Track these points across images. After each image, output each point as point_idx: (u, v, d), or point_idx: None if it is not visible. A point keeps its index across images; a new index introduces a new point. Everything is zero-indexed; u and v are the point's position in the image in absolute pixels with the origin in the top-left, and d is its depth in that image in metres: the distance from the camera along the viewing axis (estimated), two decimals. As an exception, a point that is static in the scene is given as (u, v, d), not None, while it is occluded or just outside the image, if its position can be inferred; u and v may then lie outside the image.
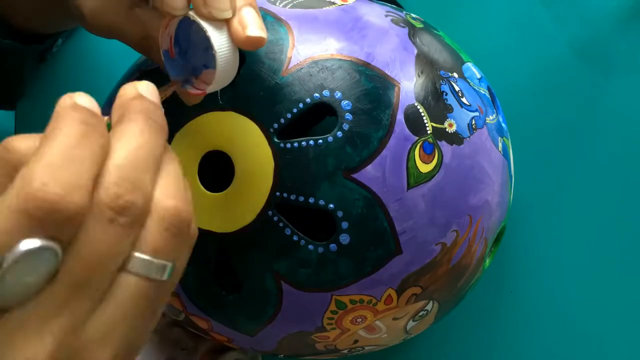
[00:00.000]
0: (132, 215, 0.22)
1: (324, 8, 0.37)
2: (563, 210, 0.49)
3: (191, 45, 0.31)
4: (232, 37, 0.29)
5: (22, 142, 0.22)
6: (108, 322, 0.23)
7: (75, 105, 0.23)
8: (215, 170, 0.36)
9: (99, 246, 0.22)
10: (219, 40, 0.29)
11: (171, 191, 0.24)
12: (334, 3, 0.38)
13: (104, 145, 0.23)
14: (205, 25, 0.29)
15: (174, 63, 0.31)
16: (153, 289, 0.23)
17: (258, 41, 0.29)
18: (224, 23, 0.30)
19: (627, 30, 0.50)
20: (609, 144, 0.49)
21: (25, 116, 0.52)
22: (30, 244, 0.20)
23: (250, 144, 0.33)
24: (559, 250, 0.49)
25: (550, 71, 0.50)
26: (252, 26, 0.29)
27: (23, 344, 0.21)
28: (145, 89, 0.25)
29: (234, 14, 0.30)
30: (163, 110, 0.26)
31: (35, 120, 0.52)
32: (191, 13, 0.30)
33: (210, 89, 0.30)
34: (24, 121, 0.52)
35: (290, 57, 0.34)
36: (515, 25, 0.51)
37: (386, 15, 0.38)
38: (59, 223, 0.21)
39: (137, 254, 0.23)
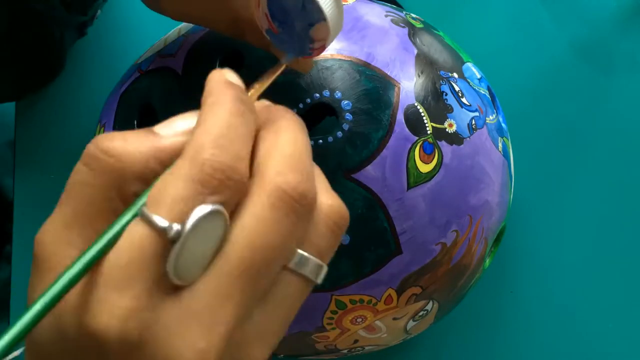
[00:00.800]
0: (308, 206, 0.21)
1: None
2: (563, 210, 0.49)
3: (288, 12, 0.28)
4: None
5: (125, 147, 0.21)
6: (269, 320, 0.22)
7: (229, 82, 0.23)
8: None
9: (273, 235, 0.21)
10: None
11: (330, 190, 0.23)
12: (334, 3, 0.38)
13: (254, 128, 0.23)
14: None
15: (282, 38, 0.29)
16: (307, 291, 0.23)
17: None
18: None
19: (627, 30, 0.50)
20: (609, 144, 0.49)
21: (26, 107, 0.52)
22: (204, 209, 0.20)
23: (250, 144, 0.33)
24: (559, 250, 0.49)
25: (550, 71, 0.50)
26: None
27: (193, 333, 0.20)
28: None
29: None
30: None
31: (37, 111, 0.52)
32: None
33: (328, 41, 0.28)
34: (24, 111, 0.52)
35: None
36: (515, 25, 0.51)
37: (386, 15, 0.38)
38: (229, 190, 0.20)
39: (303, 252, 0.22)
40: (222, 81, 0.23)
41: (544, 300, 0.48)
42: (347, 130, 0.33)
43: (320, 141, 0.33)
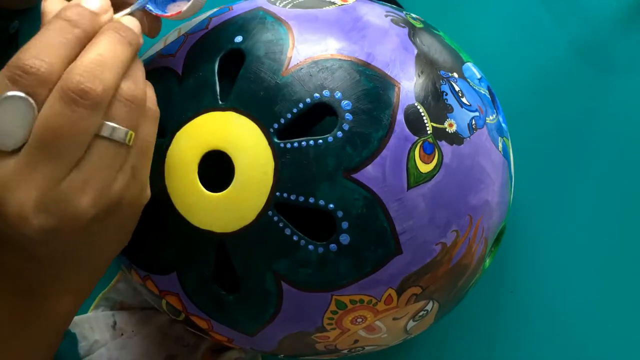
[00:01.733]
0: (91, 99, 0.29)
1: (324, 8, 0.37)
2: (563, 210, 0.49)
3: None
4: None
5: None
6: (85, 176, 0.29)
7: (68, 5, 0.31)
8: (215, 170, 0.36)
9: (62, 119, 0.28)
10: None
11: (132, 85, 0.31)
12: (334, 3, 0.38)
13: (82, 39, 0.30)
14: None
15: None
16: (121, 150, 0.30)
17: None
18: None
19: (627, 30, 0.50)
20: (609, 144, 0.49)
21: None
22: (10, 93, 0.28)
23: (250, 144, 0.33)
24: (559, 250, 0.49)
25: (550, 71, 0.50)
26: None
27: (16, 191, 0.28)
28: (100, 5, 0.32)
29: None
30: (135, 28, 0.32)
31: None
32: None
33: (182, 13, 0.34)
34: None
35: (290, 57, 0.34)
36: (515, 25, 0.51)
37: (386, 15, 0.38)
38: (31, 83, 0.28)
39: (105, 122, 0.30)
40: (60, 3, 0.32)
41: (543, 300, 0.48)
42: (347, 130, 0.33)
43: (320, 141, 0.33)
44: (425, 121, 0.34)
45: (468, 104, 0.36)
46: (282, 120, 0.33)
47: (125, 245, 0.35)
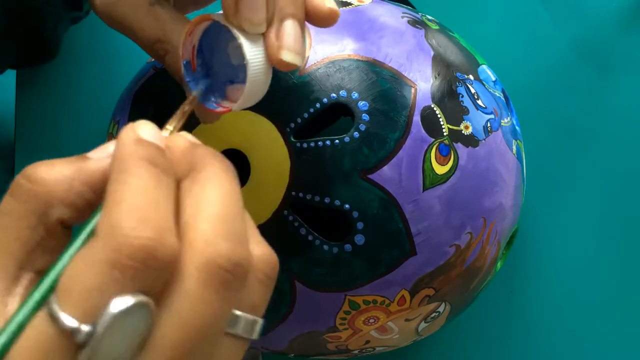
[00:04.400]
0: (243, 274, 0.20)
1: (340, 8, 0.37)
2: (563, 211, 0.49)
3: (216, 57, 0.28)
4: (267, 52, 0.26)
5: (48, 172, 0.20)
6: None
7: (139, 140, 0.20)
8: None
9: (206, 310, 0.19)
10: (252, 52, 0.25)
11: (258, 235, 0.22)
12: (350, 4, 0.38)
13: (174, 187, 0.20)
14: (238, 33, 0.25)
15: (195, 76, 0.28)
16: (244, 347, 0.21)
17: (291, 66, 0.26)
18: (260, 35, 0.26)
19: (627, 30, 0.50)
20: (609, 144, 0.49)
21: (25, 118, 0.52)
22: (123, 302, 0.17)
23: (267, 143, 0.33)
24: (559, 250, 0.49)
25: (550, 71, 0.50)
26: (288, 47, 0.26)
27: None
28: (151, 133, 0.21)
29: (272, 24, 0.26)
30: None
31: (37, 103, 0.52)
32: (223, 20, 0.26)
33: (236, 106, 0.27)
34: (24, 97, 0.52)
35: (308, 57, 0.34)
36: (515, 25, 0.51)
37: (402, 17, 0.38)
38: (155, 271, 0.18)
39: (238, 313, 0.20)
40: (131, 142, 0.20)
41: (543, 300, 0.49)
42: (363, 131, 0.33)
43: (337, 141, 0.33)
44: (442, 123, 0.34)
45: (484, 106, 0.36)
46: (299, 120, 0.33)
47: None
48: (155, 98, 0.37)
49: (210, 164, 0.21)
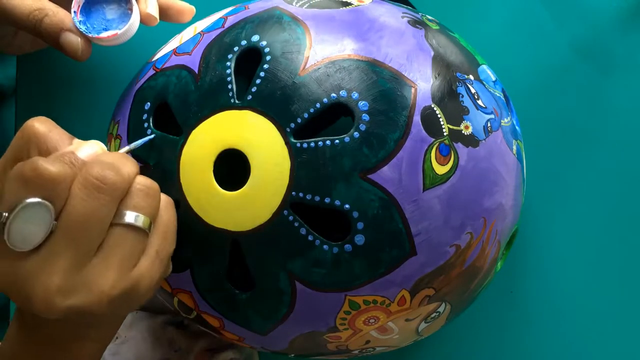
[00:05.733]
0: (112, 185, 0.31)
1: (341, 8, 0.37)
2: (563, 211, 0.49)
3: (94, 13, 0.42)
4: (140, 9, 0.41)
5: (42, 125, 0.32)
6: (105, 261, 0.31)
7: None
8: (231, 169, 0.36)
9: (85, 208, 0.30)
10: (135, 6, 0.41)
11: (147, 178, 0.33)
12: (350, 4, 0.38)
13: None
14: None
15: (80, 22, 0.41)
16: (140, 236, 0.32)
17: (152, 18, 0.42)
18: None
19: (627, 30, 0.50)
20: (609, 144, 0.49)
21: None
22: (28, 201, 0.30)
23: (267, 143, 0.33)
24: (559, 250, 0.49)
25: (550, 71, 0.50)
26: (151, 9, 0.42)
27: (39, 280, 0.30)
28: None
29: None
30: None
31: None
32: None
33: (118, 37, 0.41)
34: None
35: (308, 57, 0.34)
36: (515, 25, 0.50)
37: (402, 17, 0.38)
38: (51, 184, 0.30)
39: (124, 210, 0.32)
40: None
41: (543, 300, 0.49)
42: (363, 131, 0.33)
43: (337, 141, 0.33)
44: (442, 123, 0.34)
45: (484, 106, 0.36)
46: (299, 120, 0.33)
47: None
48: (156, 97, 0.37)
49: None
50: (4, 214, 0.30)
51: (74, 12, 0.41)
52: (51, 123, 0.33)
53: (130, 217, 0.32)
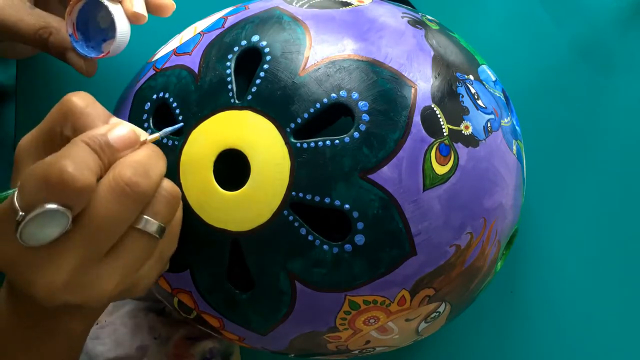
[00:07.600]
0: (140, 192, 0.30)
1: (341, 9, 0.37)
2: (563, 211, 0.49)
3: (91, 27, 0.41)
4: (125, 11, 0.40)
5: (80, 100, 0.32)
6: (116, 264, 0.31)
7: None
8: (231, 169, 0.36)
9: (109, 210, 0.30)
10: (116, 10, 0.40)
11: (172, 184, 0.33)
12: (350, 4, 0.38)
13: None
14: (106, 2, 0.39)
15: (79, 42, 0.41)
16: (153, 242, 0.32)
17: (140, 17, 0.40)
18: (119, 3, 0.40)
19: (627, 30, 0.50)
20: (609, 144, 0.49)
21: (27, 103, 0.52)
22: (47, 206, 0.29)
23: (267, 143, 0.33)
24: (559, 250, 0.49)
25: (550, 71, 0.50)
26: (137, 7, 0.40)
27: (46, 272, 0.30)
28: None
29: None
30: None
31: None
32: None
33: (112, 49, 0.40)
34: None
35: (308, 57, 0.34)
36: (515, 25, 0.51)
37: (402, 17, 0.38)
38: (72, 193, 0.29)
39: (146, 217, 0.31)
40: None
41: (543, 300, 0.49)
42: (363, 131, 0.33)
43: (337, 141, 0.33)
44: (442, 123, 0.34)
45: (484, 106, 0.36)
46: (299, 120, 0.33)
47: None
48: (156, 97, 0.37)
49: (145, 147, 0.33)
50: (20, 213, 0.29)
51: (70, 34, 0.40)
52: (90, 98, 0.32)
53: (148, 223, 0.31)
